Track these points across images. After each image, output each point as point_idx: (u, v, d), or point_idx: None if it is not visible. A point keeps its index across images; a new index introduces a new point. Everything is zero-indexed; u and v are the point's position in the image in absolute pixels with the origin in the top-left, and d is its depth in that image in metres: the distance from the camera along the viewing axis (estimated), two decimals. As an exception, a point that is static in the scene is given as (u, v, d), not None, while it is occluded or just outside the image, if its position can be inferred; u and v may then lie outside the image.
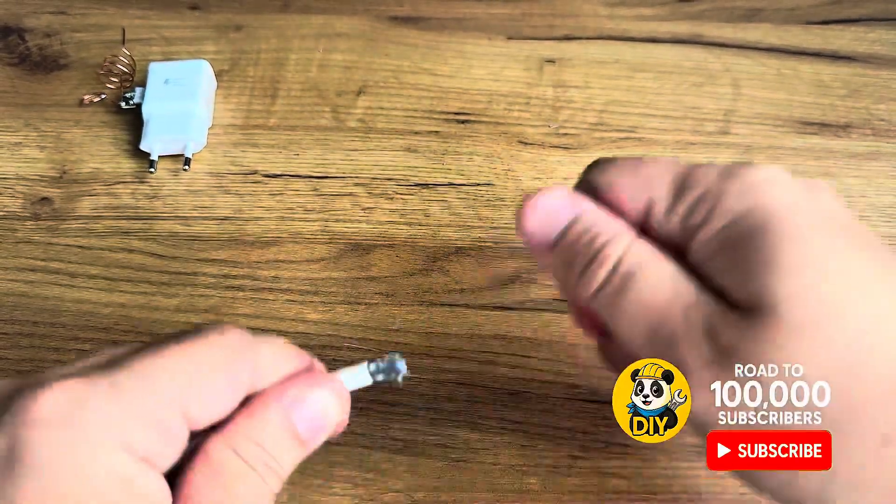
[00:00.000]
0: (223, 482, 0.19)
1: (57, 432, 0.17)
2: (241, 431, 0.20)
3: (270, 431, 0.20)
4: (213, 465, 0.19)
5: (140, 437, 0.18)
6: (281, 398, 0.21)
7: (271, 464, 0.20)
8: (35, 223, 0.37)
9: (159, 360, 0.19)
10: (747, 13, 0.44)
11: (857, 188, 0.38)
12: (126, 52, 0.41)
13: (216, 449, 0.20)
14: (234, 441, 0.20)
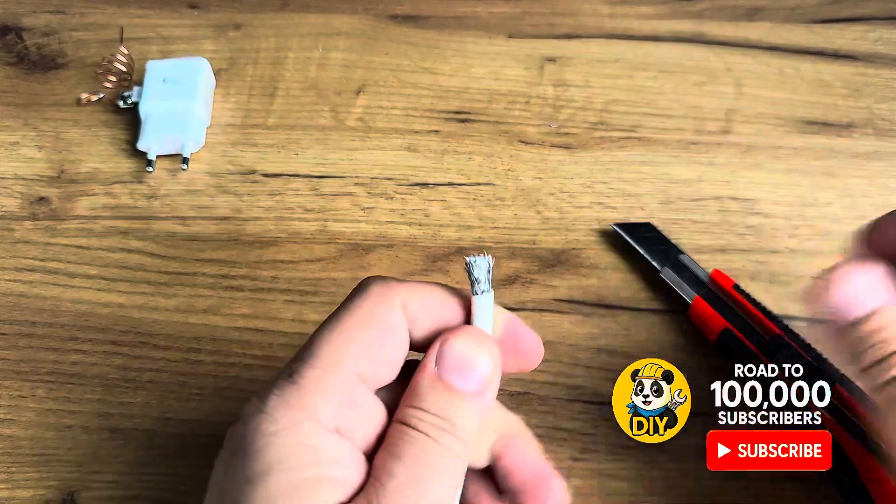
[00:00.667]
0: (397, 452, 0.20)
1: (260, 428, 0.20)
2: (405, 403, 0.21)
3: (425, 394, 0.21)
4: (390, 437, 0.21)
5: (327, 412, 0.20)
6: (425, 361, 0.21)
7: (442, 425, 0.21)
8: (33, 223, 0.37)
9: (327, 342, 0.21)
10: (749, 12, 0.44)
11: (859, 188, 0.37)
12: (124, 51, 0.40)
13: (393, 426, 0.21)
14: (401, 414, 0.21)
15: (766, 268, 0.35)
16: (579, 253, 0.35)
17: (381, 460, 0.21)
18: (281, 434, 0.20)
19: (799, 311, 0.34)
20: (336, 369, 0.21)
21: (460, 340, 0.21)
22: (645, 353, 0.33)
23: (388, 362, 0.22)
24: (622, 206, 0.37)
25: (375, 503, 0.20)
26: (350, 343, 0.21)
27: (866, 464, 0.29)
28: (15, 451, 0.31)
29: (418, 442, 0.20)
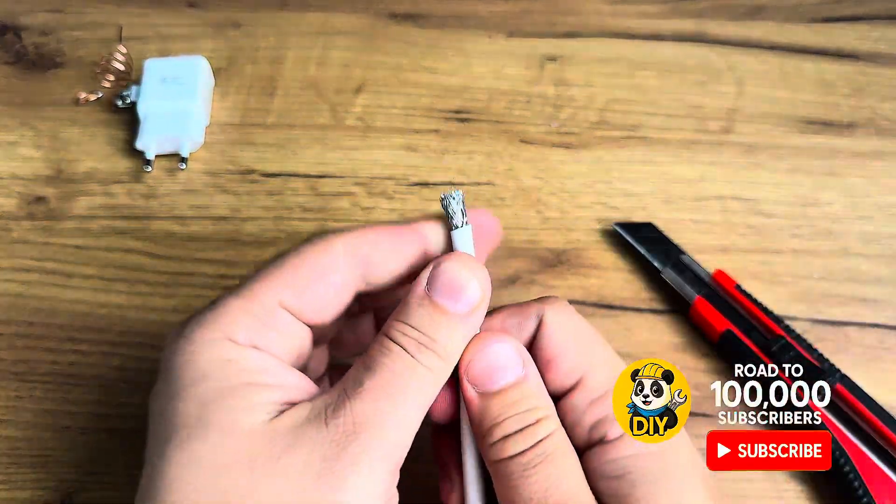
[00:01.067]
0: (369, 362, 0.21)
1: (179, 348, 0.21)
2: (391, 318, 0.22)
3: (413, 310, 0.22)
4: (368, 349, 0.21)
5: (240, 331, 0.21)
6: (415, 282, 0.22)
7: (423, 340, 0.21)
8: (31, 223, 0.37)
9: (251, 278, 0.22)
10: (750, 11, 0.44)
11: (861, 188, 0.37)
12: (122, 50, 0.40)
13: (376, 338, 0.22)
14: (385, 328, 0.22)
15: (767, 268, 0.35)
16: (580, 253, 0.35)
17: (353, 370, 0.21)
18: (199, 352, 0.21)
19: (800, 312, 0.34)
20: (254, 297, 0.22)
21: (453, 263, 0.22)
22: (646, 354, 0.33)
23: (318, 298, 0.22)
24: (623, 205, 0.37)
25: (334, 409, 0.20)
26: (275, 280, 0.22)
27: (866, 464, 0.28)
28: (12, 452, 0.31)
29: (394, 355, 0.21)
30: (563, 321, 0.23)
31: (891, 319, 0.33)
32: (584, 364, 0.22)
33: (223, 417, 0.20)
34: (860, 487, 0.28)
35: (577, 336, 0.23)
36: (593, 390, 0.22)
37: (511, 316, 0.23)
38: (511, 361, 0.22)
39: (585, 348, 0.23)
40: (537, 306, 0.23)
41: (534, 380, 0.22)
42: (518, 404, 0.22)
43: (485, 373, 0.22)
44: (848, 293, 0.34)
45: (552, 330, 0.23)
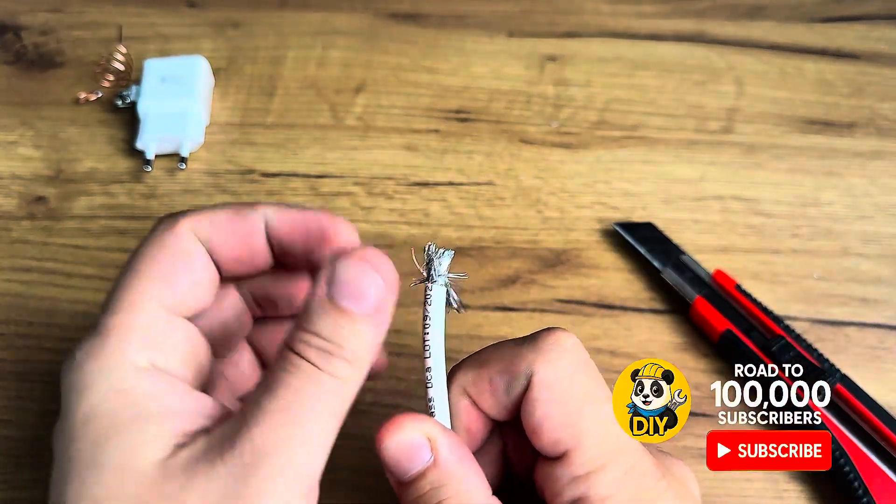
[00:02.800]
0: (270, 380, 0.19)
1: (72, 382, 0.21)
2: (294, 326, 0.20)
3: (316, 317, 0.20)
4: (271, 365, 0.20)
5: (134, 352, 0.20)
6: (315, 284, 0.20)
7: (329, 347, 0.20)
8: (30, 223, 0.37)
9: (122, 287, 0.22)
10: (750, 10, 0.44)
11: (861, 187, 0.37)
12: (122, 50, 0.40)
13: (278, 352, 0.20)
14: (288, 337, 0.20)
15: (768, 268, 0.35)
16: (580, 253, 0.35)
17: (254, 392, 0.20)
18: (91, 385, 0.20)
19: (800, 312, 0.34)
20: (136, 309, 0.21)
21: (351, 262, 0.20)
22: (646, 354, 0.33)
23: (192, 286, 0.22)
24: (623, 205, 0.37)
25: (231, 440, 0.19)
26: (144, 279, 0.21)
27: (866, 464, 0.28)
28: (12, 452, 0.31)
29: (297, 370, 0.19)
30: (554, 382, 0.21)
31: (891, 319, 0.33)
32: (571, 437, 0.21)
33: (116, 457, 0.19)
34: (860, 487, 0.28)
35: (566, 402, 0.21)
36: (578, 467, 0.21)
37: (500, 372, 0.22)
38: (418, 451, 0.21)
39: (574, 418, 0.21)
40: (529, 360, 0.21)
41: (446, 467, 0.21)
42: (427, 496, 0.21)
43: (393, 461, 0.21)
44: (848, 293, 0.34)
45: (539, 394, 0.21)
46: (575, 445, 0.21)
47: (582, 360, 0.22)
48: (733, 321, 0.32)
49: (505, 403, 0.22)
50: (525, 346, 0.22)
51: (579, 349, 0.22)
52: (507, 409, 0.22)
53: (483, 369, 0.22)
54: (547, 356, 0.21)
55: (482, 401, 0.22)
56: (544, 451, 0.21)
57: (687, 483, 0.22)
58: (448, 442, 0.21)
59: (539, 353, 0.21)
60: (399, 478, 0.21)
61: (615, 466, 0.21)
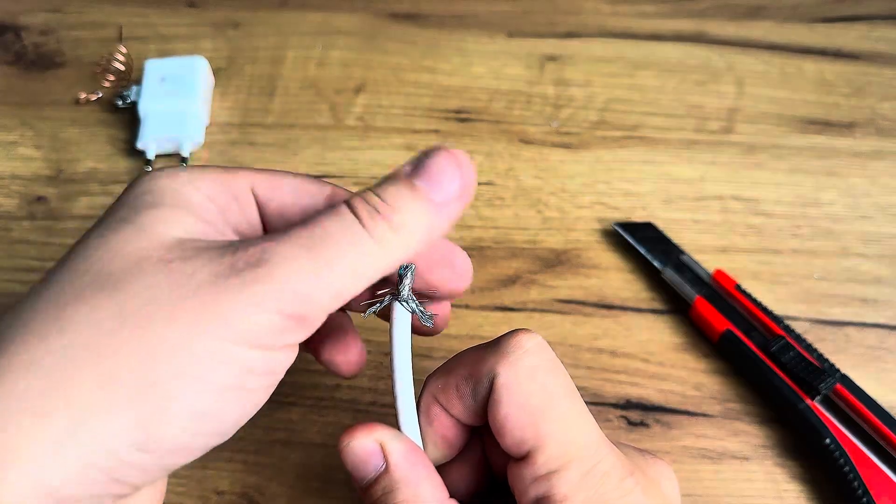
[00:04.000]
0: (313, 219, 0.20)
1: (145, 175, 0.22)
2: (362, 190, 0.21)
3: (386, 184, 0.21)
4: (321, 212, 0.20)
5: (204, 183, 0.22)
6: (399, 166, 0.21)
7: (382, 208, 0.20)
8: (31, 223, 0.37)
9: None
10: (750, 11, 0.44)
11: (861, 188, 0.37)
12: (122, 50, 0.40)
13: None
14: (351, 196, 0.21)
15: (768, 268, 0.35)
16: (580, 253, 0.35)
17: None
18: (158, 179, 0.21)
19: (800, 312, 0.34)
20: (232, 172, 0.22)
21: (445, 154, 0.21)
22: (646, 354, 0.33)
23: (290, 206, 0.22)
24: (623, 205, 0.37)
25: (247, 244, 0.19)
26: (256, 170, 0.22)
27: (866, 464, 0.28)
28: (13, 452, 0.31)
29: (339, 217, 0.20)
30: (513, 387, 0.21)
31: (891, 319, 0.33)
32: (532, 437, 0.21)
33: (143, 221, 0.20)
34: (860, 487, 0.28)
35: (526, 406, 0.21)
36: (539, 467, 0.21)
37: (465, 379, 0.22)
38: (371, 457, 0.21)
39: (534, 419, 0.21)
40: (491, 364, 0.22)
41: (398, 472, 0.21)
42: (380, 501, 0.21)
43: (351, 467, 0.22)
44: (848, 293, 0.34)
45: (500, 396, 0.21)
46: (537, 446, 0.21)
47: (545, 359, 0.22)
48: (733, 321, 0.32)
49: (473, 408, 0.22)
50: (488, 351, 0.22)
51: (542, 349, 0.22)
52: (477, 414, 0.22)
53: (450, 376, 0.23)
54: (508, 358, 0.21)
55: (451, 407, 0.23)
56: (510, 451, 0.22)
57: (660, 482, 0.22)
58: (400, 448, 0.22)
59: (500, 356, 0.22)
60: (358, 483, 0.22)
61: (576, 466, 0.21)
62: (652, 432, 0.31)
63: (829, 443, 0.29)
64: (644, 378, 0.32)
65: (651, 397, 0.31)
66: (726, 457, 0.30)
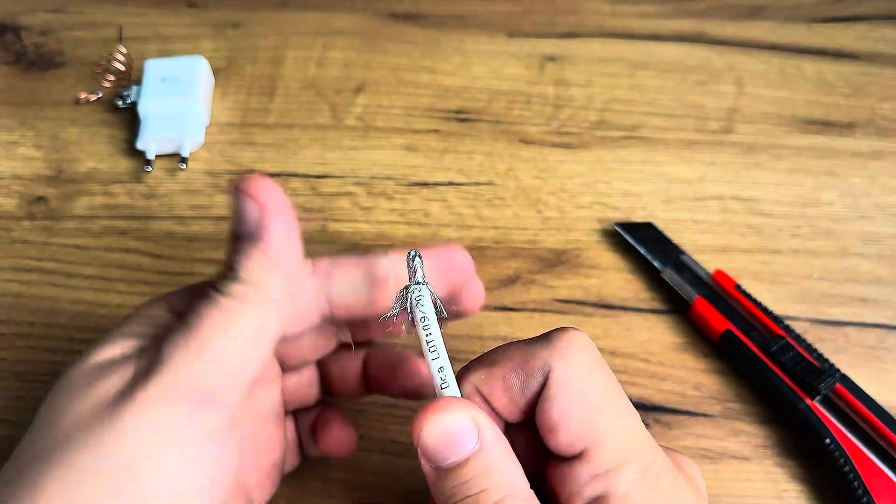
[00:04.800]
0: None
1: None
2: None
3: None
4: None
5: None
6: None
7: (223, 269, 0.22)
8: (31, 223, 0.37)
9: None
10: (750, 11, 0.44)
11: (861, 187, 0.37)
12: (123, 50, 0.40)
13: None
14: None
15: (768, 268, 0.35)
16: (580, 253, 0.35)
17: None
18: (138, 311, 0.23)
19: (800, 312, 0.34)
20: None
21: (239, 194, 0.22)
22: (646, 354, 0.33)
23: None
24: (623, 205, 0.37)
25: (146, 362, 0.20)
26: None
27: (866, 464, 0.28)
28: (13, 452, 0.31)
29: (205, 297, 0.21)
30: (572, 379, 0.21)
31: (891, 319, 0.33)
32: (590, 434, 0.20)
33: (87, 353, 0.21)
34: (860, 487, 0.28)
35: (585, 399, 0.20)
36: (597, 465, 0.20)
37: (514, 370, 0.21)
38: (463, 436, 0.20)
39: (593, 415, 0.20)
40: (544, 357, 0.21)
41: (491, 454, 0.20)
42: (470, 484, 0.20)
43: (435, 447, 0.20)
44: (848, 293, 0.34)
45: (557, 391, 0.20)
46: (594, 443, 0.20)
47: (596, 358, 0.21)
48: (733, 321, 0.32)
49: (519, 403, 0.21)
50: (539, 345, 0.21)
51: (593, 347, 0.22)
52: (521, 409, 0.22)
53: (495, 368, 0.22)
54: (563, 353, 0.21)
55: (495, 399, 0.22)
56: (560, 449, 0.21)
57: (696, 480, 0.22)
58: (493, 429, 0.21)
59: (554, 351, 0.21)
60: (439, 463, 0.20)
61: (635, 464, 0.21)
62: (652, 432, 0.30)
63: (829, 443, 0.29)
64: (644, 378, 0.32)
65: (651, 397, 0.31)
66: (726, 457, 0.30)
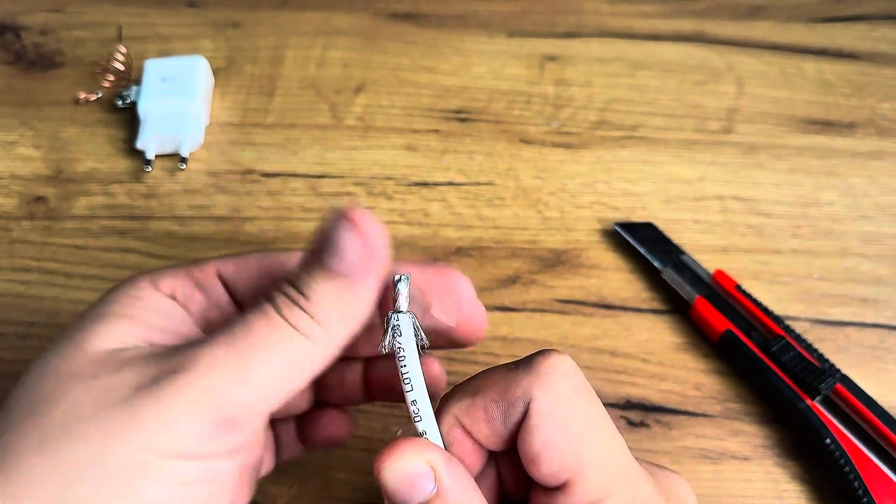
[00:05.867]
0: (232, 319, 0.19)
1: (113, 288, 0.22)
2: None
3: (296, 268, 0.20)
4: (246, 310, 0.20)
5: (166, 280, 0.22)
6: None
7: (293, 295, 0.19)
8: (30, 223, 0.36)
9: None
10: (750, 10, 0.44)
11: (861, 187, 0.37)
12: (122, 50, 0.40)
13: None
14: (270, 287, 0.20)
15: (768, 268, 0.35)
16: (580, 253, 0.35)
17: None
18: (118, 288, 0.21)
19: (800, 312, 0.34)
20: (197, 262, 0.22)
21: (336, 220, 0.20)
22: (646, 354, 0.32)
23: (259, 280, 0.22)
24: (623, 205, 0.37)
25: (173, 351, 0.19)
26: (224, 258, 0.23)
27: (866, 464, 0.28)
28: (12, 452, 0.31)
29: (263, 313, 0.19)
30: (554, 409, 0.20)
31: (891, 319, 0.33)
32: (573, 465, 0.20)
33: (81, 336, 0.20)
34: (860, 487, 0.28)
35: (567, 429, 0.20)
36: (581, 497, 0.20)
37: (495, 400, 0.21)
38: (420, 480, 0.19)
39: (576, 446, 0.20)
40: (525, 386, 0.20)
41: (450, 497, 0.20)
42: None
43: (393, 488, 0.19)
44: (848, 293, 0.34)
45: (539, 422, 0.20)
46: (577, 475, 0.20)
47: (580, 383, 0.21)
48: (733, 321, 0.32)
49: (501, 433, 0.21)
50: (520, 372, 0.21)
51: (577, 372, 0.21)
52: (503, 439, 0.21)
53: (477, 397, 0.21)
54: (544, 381, 0.20)
55: (477, 430, 0.21)
56: (544, 481, 0.20)
57: (687, 501, 0.22)
58: (451, 471, 0.20)
59: (536, 378, 0.20)
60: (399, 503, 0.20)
61: (619, 495, 0.20)
62: (652, 432, 0.31)
63: (829, 443, 0.29)
64: (644, 378, 0.32)
65: (651, 397, 0.31)
66: (726, 457, 0.30)
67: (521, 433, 0.20)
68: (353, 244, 0.20)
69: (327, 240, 0.20)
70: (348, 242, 0.20)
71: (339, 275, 0.20)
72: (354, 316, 0.20)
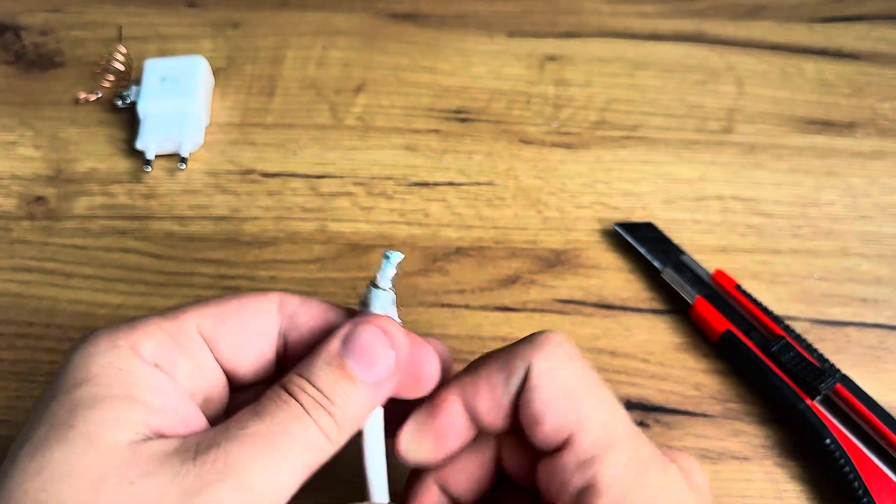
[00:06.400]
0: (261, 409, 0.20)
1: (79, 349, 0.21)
2: (292, 371, 0.21)
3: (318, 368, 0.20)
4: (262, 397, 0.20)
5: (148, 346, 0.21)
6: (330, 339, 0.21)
7: (321, 400, 0.20)
8: (30, 223, 0.36)
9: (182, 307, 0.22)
10: (750, 10, 0.44)
11: (861, 187, 0.37)
12: (122, 50, 0.40)
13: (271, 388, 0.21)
14: (284, 380, 0.21)
15: (768, 268, 0.35)
16: (580, 253, 0.35)
17: (241, 413, 0.20)
18: (95, 355, 0.20)
19: (800, 312, 0.34)
20: (174, 318, 0.21)
21: (373, 328, 0.21)
22: (646, 354, 0.32)
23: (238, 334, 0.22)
24: (623, 205, 0.37)
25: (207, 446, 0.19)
26: (199, 307, 0.22)
27: (866, 464, 0.28)
28: (12, 452, 0.31)
29: (288, 406, 0.20)
30: (552, 372, 0.21)
31: (891, 319, 0.33)
32: (573, 420, 0.21)
33: (88, 427, 0.18)
34: (860, 487, 0.28)
35: (566, 389, 0.21)
36: (583, 451, 0.20)
37: (497, 371, 0.22)
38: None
39: (575, 403, 0.21)
40: (524, 355, 0.22)
41: None
42: None
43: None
44: (848, 293, 0.34)
45: (539, 382, 0.21)
46: (578, 429, 0.21)
47: (576, 353, 0.22)
48: (733, 321, 0.32)
49: (503, 402, 0.22)
50: (518, 346, 0.22)
51: (572, 345, 0.22)
52: (506, 411, 0.22)
53: (479, 371, 0.22)
54: (543, 349, 0.22)
55: (479, 402, 0.22)
56: (546, 440, 0.21)
57: (693, 474, 0.22)
58: None
59: (534, 348, 0.22)
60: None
61: (620, 450, 0.21)
62: (652, 433, 0.31)
63: (829, 443, 0.29)
64: (644, 378, 0.32)
65: (651, 397, 0.31)
66: (726, 457, 0.30)
67: (523, 396, 0.21)
68: (384, 355, 0.21)
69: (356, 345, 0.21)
70: (380, 352, 0.21)
71: (365, 384, 0.21)
72: (365, 419, 0.21)
